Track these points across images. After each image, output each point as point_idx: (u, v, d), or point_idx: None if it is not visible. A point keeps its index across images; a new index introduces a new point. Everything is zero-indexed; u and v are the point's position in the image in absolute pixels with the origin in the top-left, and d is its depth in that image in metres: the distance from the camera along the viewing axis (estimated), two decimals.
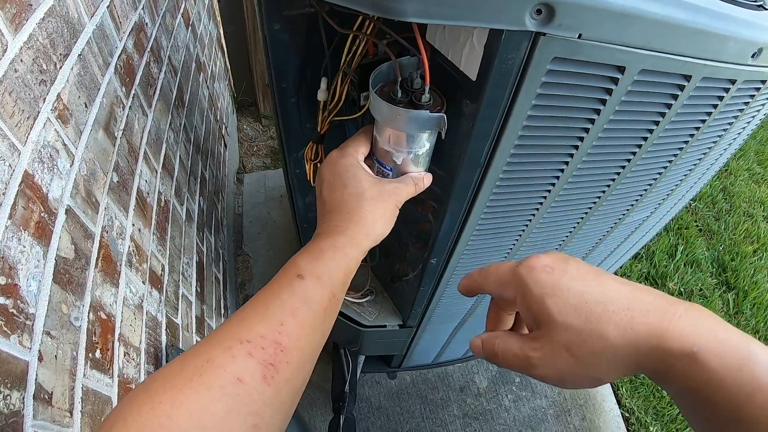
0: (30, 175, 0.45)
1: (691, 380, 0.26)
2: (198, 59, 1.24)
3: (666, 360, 0.26)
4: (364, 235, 0.40)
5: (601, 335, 0.28)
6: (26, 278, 0.44)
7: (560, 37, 0.37)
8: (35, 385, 0.43)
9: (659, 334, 0.26)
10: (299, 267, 0.36)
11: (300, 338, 0.33)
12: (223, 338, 0.31)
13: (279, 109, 0.57)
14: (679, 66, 0.45)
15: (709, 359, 0.25)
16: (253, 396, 0.29)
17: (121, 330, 0.59)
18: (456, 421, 1.36)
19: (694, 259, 1.97)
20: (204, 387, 0.27)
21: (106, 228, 0.59)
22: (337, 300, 0.37)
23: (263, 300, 0.34)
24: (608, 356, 0.28)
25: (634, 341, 0.27)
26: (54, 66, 0.50)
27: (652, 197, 0.76)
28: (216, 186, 1.36)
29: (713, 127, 0.61)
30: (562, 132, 0.48)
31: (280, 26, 0.47)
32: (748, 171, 2.44)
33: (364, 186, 0.42)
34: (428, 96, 0.40)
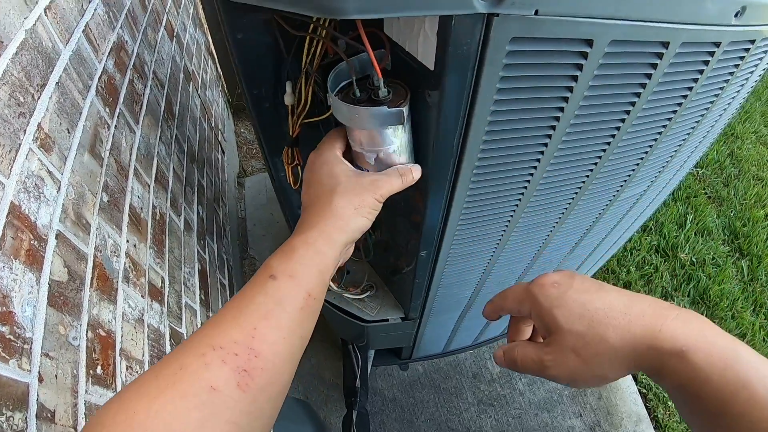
0: (17, 206, 0.46)
1: (681, 377, 0.29)
2: (186, 69, 1.25)
3: (659, 358, 0.30)
4: (338, 228, 0.40)
5: (603, 338, 0.32)
6: (20, 305, 0.45)
7: (515, 16, 0.35)
8: (37, 405, 0.44)
9: (653, 335, 0.30)
10: (272, 267, 0.36)
11: (276, 342, 0.32)
12: (197, 345, 0.30)
13: (255, 115, 0.58)
14: (654, 33, 0.42)
15: (697, 358, 0.28)
16: (228, 404, 0.28)
17: (122, 345, 0.61)
18: (471, 408, 1.37)
19: (704, 228, 1.94)
20: (178, 395, 0.27)
21: (99, 247, 0.60)
22: (314, 299, 0.36)
23: (237, 304, 0.34)
24: (610, 356, 0.32)
25: (631, 342, 0.31)
26: (32, 97, 0.51)
27: (647, 171, 0.75)
28: (215, 193, 1.38)
29: (702, 93, 0.58)
30: (536, 113, 0.47)
31: (243, 35, 0.47)
32: (755, 134, 2.38)
33: (340, 180, 0.42)
34: (385, 91, 0.40)
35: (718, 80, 0.57)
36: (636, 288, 1.74)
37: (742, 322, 1.65)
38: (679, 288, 1.76)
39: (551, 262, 0.99)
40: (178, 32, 1.23)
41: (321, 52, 0.42)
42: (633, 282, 1.76)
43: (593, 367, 0.33)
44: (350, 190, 0.41)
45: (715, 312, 1.68)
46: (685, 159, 0.83)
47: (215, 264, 1.18)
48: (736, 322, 1.65)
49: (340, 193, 0.41)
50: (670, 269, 1.82)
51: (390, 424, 1.31)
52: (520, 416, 1.35)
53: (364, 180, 0.43)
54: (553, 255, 0.94)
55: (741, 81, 0.63)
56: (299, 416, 1.05)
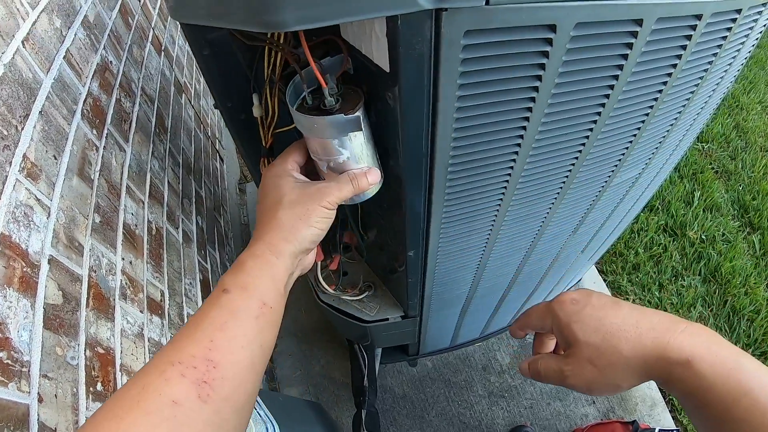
0: (7, 236, 0.48)
1: (687, 384, 0.32)
2: (177, 81, 1.27)
3: (667, 368, 0.33)
4: (282, 239, 0.40)
5: (616, 349, 0.35)
6: (17, 330, 0.47)
7: (465, 9, 0.33)
8: (38, 425, 0.46)
9: (662, 346, 0.33)
10: (224, 282, 0.37)
11: (233, 352, 0.33)
12: (157, 363, 0.31)
13: (232, 128, 0.58)
14: (624, 11, 0.41)
15: (701, 367, 0.31)
16: (190, 416, 0.29)
17: (122, 360, 0.62)
18: (482, 400, 1.37)
19: (713, 204, 1.91)
20: (143, 414, 0.28)
21: (93, 268, 0.62)
22: (270, 308, 0.37)
23: (194, 321, 0.35)
24: (622, 366, 0.35)
25: (641, 353, 0.34)
26: (15, 129, 0.52)
27: (639, 153, 0.73)
28: (215, 201, 1.39)
29: (689, 70, 0.56)
30: (505, 106, 0.45)
31: (209, 51, 0.48)
32: (760, 104, 2.32)
33: (284, 192, 0.42)
34: (332, 100, 0.40)
35: (705, 54, 0.55)
36: (645, 269, 1.72)
37: (756, 297, 1.62)
38: (690, 267, 1.74)
39: (549, 251, 0.98)
40: (167, 45, 1.24)
41: (281, 62, 0.43)
42: (642, 263, 1.74)
43: (608, 377, 0.36)
44: (294, 200, 0.42)
45: (728, 289, 1.66)
46: (681, 137, 0.81)
47: (218, 272, 1.20)
48: (750, 298, 1.63)
49: (284, 205, 0.42)
50: (680, 248, 1.79)
51: (401, 421, 1.32)
52: (532, 406, 1.35)
53: (309, 189, 0.43)
54: (549, 245, 0.94)
55: (732, 53, 0.60)
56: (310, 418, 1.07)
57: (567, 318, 0.38)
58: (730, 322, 1.59)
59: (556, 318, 0.39)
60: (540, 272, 1.08)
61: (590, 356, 0.36)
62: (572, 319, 0.38)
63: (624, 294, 1.66)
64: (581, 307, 0.38)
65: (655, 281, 1.70)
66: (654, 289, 1.68)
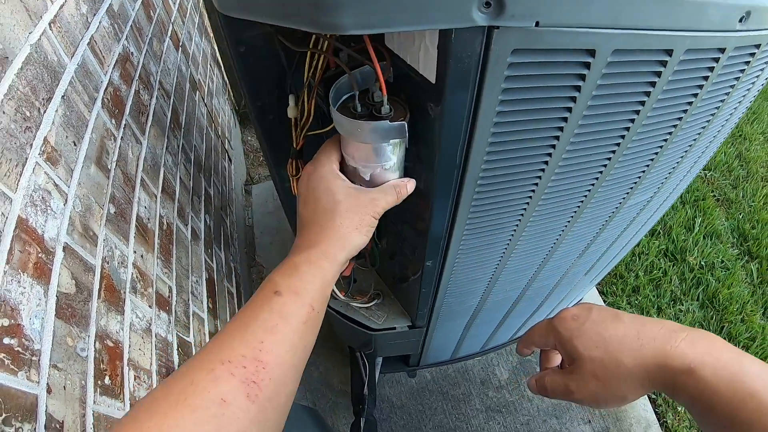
0: (24, 220, 0.47)
1: (692, 392, 0.32)
2: (192, 78, 1.27)
3: (670, 377, 0.33)
4: (339, 248, 0.41)
5: (618, 362, 0.35)
6: (29, 317, 0.46)
7: (516, 28, 0.35)
8: (46, 416, 0.45)
9: (663, 356, 0.33)
10: (276, 284, 0.37)
11: (281, 354, 0.34)
12: (204, 361, 0.32)
13: (259, 127, 0.58)
14: (657, 41, 0.42)
15: (704, 373, 0.31)
16: (238, 415, 0.30)
17: (129, 355, 0.61)
18: (479, 415, 1.36)
19: (713, 231, 1.92)
20: (189, 410, 0.28)
21: (106, 259, 0.60)
22: (316, 313, 0.38)
23: (242, 320, 0.35)
24: (626, 377, 0.35)
25: (643, 364, 0.34)
26: (38, 111, 0.51)
27: (653, 177, 0.74)
28: (222, 201, 1.38)
29: (708, 99, 0.58)
30: (539, 124, 0.47)
31: (245, 49, 0.48)
32: (763, 135, 2.35)
33: (338, 198, 0.42)
34: (388, 107, 0.40)
35: (723, 86, 0.56)
36: (644, 293, 1.73)
37: (752, 325, 1.63)
38: (688, 292, 1.74)
39: (558, 269, 0.98)
40: (184, 42, 1.24)
41: (323, 65, 0.43)
42: (642, 287, 1.74)
43: (612, 389, 0.36)
44: (350, 209, 0.42)
45: (725, 316, 1.66)
46: (692, 164, 0.82)
47: (223, 272, 1.18)
48: (746, 325, 1.63)
49: (341, 212, 0.42)
50: (679, 273, 1.80)
51: (398, 431, 1.31)
52: (528, 423, 1.34)
53: (362, 198, 0.44)
54: (560, 262, 0.93)
55: (747, 85, 0.62)
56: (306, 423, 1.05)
57: (569, 334, 0.39)
58: None
59: (558, 335, 0.40)
60: (547, 289, 1.08)
61: (594, 370, 0.37)
62: (574, 335, 0.38)
63: None
64: (582, 323, 0.39)
65: (654, 304, 1.70)
66: (653, 312, 1.68)
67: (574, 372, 0.38)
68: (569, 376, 0.39)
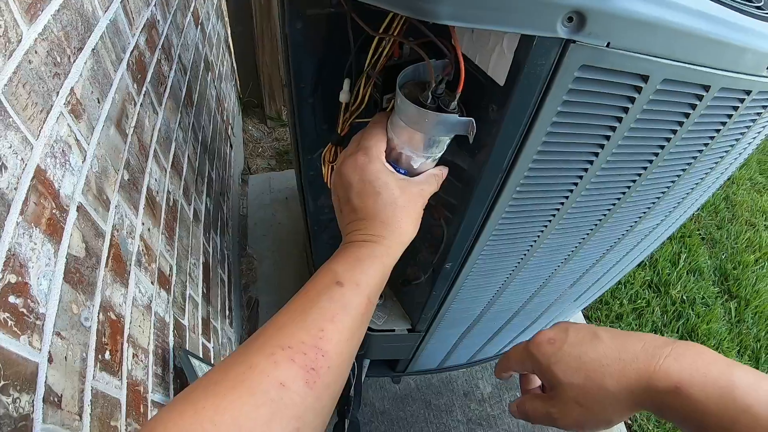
0: (42, 171, 0.44)
1: (681, 412, 0.30)
2: (206, 59, 1.24)
3: (657, 397, 0.31)
4: (399, 244, 0.41)
5: (601, 386, 0.33)
6: (37, 276, 0.43)
7: (589, 45, 0.37)
8: (45, 388, 0.41)
9: (647, 376, 0.31)
10: (337, 274, 0.37)
11: (340, 343, 0.33)
12: (263, 345, 0.31)
13: (296, 109, 0.56)
14: (700, 76, 0.45)
15: (692, 392, 0.29)
16: (295, 400, 0.29)
17: (130, 331, 0.58)
18: (460, 426, 1.34)
19: (696, 267, 1.97)
20: (248, 393, 0.28)
21: (116, 226, 0.57)
22: (372, 305, 0.38)
23: (301, 306, 0.35)
24: (610, 401, 0.33)
25: (627, 386, 0.32)
26: (68, 59, 0.49)
27: (664, 206, 0.76)
28: (222, 187, 1.35)
29: (726, 137, 0.61)
30: (585, 139, 0.48)
31: (301, 26, 0.46)
32: (750, 180, 2.44)
33: (396, 193, 0.42)
34: (455, 105, 0.40)
35: (740, 126, 0.60)
36: (627, 320, 1.75)
37: None
38: (669, 324, 1.77)
39: (558, 287, 0.98)
40: (203, 20, 1.22)
41: (389, 53, 0.42)
42: (625, 315, 1.76)
43: (596, 414, 0.34)
44: (408, 203, 0.42)
45: None
46: (697, 198, 0.85)
47: (217, 258, 1.15)
48: None
49: (401, 207, 0.41)
50: (662, 305, 1.83)
51: None
52: None
53: (414, 190, 0.43)
54: (562, 280, 0.94)
55: (758, 129, 0.66)
56: None
57: (546, 360, 0.37)
58: None
59: (535, 361, 0.38)
60: (545, 305, 1.08)
61: (575, 397, 0.35)
62: (551, 360, 0.36)
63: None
64: (559, 347, 0.36)
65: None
66: None
67: (555, 399, 0.36)
68: (550, 402, 0.37)
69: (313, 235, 0.86)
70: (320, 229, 0.85)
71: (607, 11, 0.35)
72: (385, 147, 0.44)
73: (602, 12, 0.35)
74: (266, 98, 2.08)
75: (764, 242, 2.12)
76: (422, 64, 0.40)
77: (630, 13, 0.36)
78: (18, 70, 0.40)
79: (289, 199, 1.85)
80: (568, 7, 0.34)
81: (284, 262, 1.65)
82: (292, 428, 0.29)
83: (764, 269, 2.01)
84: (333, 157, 0.51)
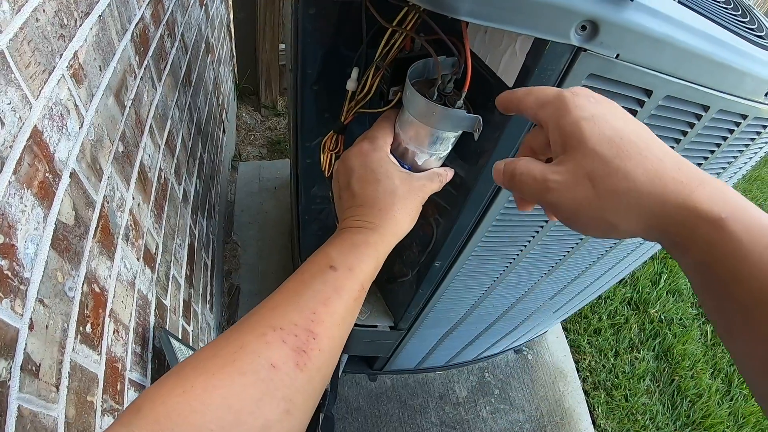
0: (39, 132, 0.43)
1: (714, 250, 0.24)
2: (207, 40, 1.22)
3: (690, 222, 0.24)
4: (394, 234, 0.41)
5: (628, 174, 0.26)
6: (24, 240, 0.42)
7: (600, 55, 0.38)
8: (24, 355, 0.40)
9: (687, 192, 0.25)
10: (332, 258, 0.37)
11: (331, 327, 0.33)
12: (255, 325, 0.31)
13: (299, 95, 0.56)
14: (701, 96, 0.46)
15: (736, 229, 0.23)
16: (285, 381, 0.29)
17: (112, 306, 0.57)
18: (433, 428, 1.35)
19: (676, 289, 2.01)
20: (238, 372, 0.27)
21: (107, 198, 0.56)
22: (364, 292, 0.38)
23: (295, 288, 0.34)
24: (630, 200, 0.26)
25: (660, 191, 0.25)
26: (74, 22, 0.48)
27: None
28: (212, 170, 1.33)
29: (719, 159, 0.62)
30: None
31: (314, 11, 0.46)
32: None
33: (396, 183, 0.41)
34: (462, 102, 0.40)
35: (733, 149, 0.61)
36: (605, 335, 1.78)
37: (700, 382, 1.70)
38: (646, 342, 1.80)
39: (541, 296, 1.00)
40: (207, 2, 1.20)
41: (400, 45, 0.42)
42: (603, 329, 1.79)
43: (605, 206, 0.26)
44: (407, 195, 0.42)
45: (677, 370, 1.73)
46: None
47: (202, 242, 1.14)
48: (695, 381, 1.70)
49: (400, 198, 0.41)
50: (640, 323, 1.86)
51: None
52: None
53: (415, 184, 0.43)
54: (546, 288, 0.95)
55: (750, 154, 0.67)
56: None
57: (579, 112, 0.28)
58: (674, 401, 1.66)
59: (565, 108, 0.28)
60: (526, 313, 1.09)
61: (593, 171, 0.26)
62: (584, 115, 0.27)
63: (582, 354, 1.71)
64: (600, 108, 0.28)
65: (612, 348, 1.75)
66: (610, 355, 1.73)
67: (564, 164, 0.28)
68: (554, 168, 0.28)
69: (303, 224, 0.86)
70: (310, 219, 0.85)
71: (619, 23, 0.36)
72: (390, 138, 0.45)
73: (615, 24, 0.36)
74: (263, 86, 2.07)
75: None
76: (432, 60, 0.40)
77: (641, 28, 0.37)
78: (24, 26, 0.39)
79: (278, 189, 1.84)
80: (583, 15, 0.35)
81: (268, 252, 1.64)
82: (282, 409, 0.28)
83: None
84: (333, 145, 0.51)
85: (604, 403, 1.57)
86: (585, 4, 0.34)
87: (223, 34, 1.54)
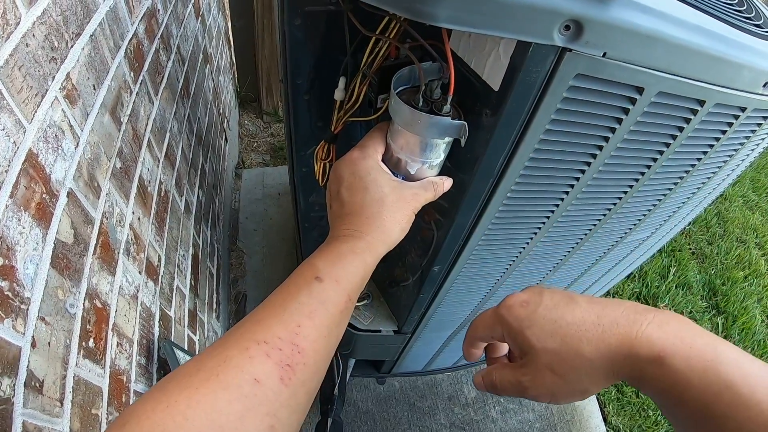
0: (34, 154, 0.44)
1: (661, 382, 0.28)
2: (205, 51, 1.23)
3: (637, 366, 0.29)
4: (382, 242, 0.40)
5: (577, 352, 0.31)
6: (24, 260, 0.42)
7: (586, 55, 0.37)
8: (27, 372, 0.41)
9: (629, 343, 0.29)
10: (317, 269, 0.36)
11: (317, 340, 0.33)
12: (239, 339, 0.31)
13: (291, 105, 0.56)
14: (695, 90, 0.45)
15: (675, 362, 0.27)
16: (269, 396, 0.29)
17: (115, 320, 0.58)
18: (443, 429, 1.35)
19: (685, 282, 1.98)
20: (221, 387, 0.27)
21: (106, 214, 0.57)
22: (352, 303, 0.37)
23: (280, 301, 0.34)
24: (587, 369, 0.31)
25: (607, 353, 0.30)
26: (65, 44, 0.49)
27: (654, 218, 0.76)
28: (215, 179, 1.35)
29: (719, 153, 0.61)
30: (577, 148, 0.48)
31: (300, 22, 0.46)
32: (742, 197, 2.46)
33: (385, 191, 0.41)
34: (449, 108, 0.40)
35: (734, 143, 0.60)
36: None
37: None
38: None
39: None
40: (204, 12, 1.21)
41: (384, 53, 0.42)
42: None
43: (572, 383, 0.32)
44: (396, 203, 0.42)
45: None
46: (688, 212, 0.85)
47: (207, 251, 1.15)
48: None
49: (388, 206, 0.41)
50: None
51: None
52: None
53: (406, 193, 0.43)
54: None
55: (752, 146, 0.66)
56: None
57: (518, 324, 0.33)
58: None
59: (507, 325, 0.34)
60: None
61: (549, 363, 0.32)
62: (524, 324, 0.33)
63: None
64: (533, 310, 0.33)
65: None
66: None
67: (527, 366, 0.33)
68: (521, 371, 0.34)
69: (303, 232, 0.86)
70: (310, 226, 0.86)
71: (604, 21, 0.35)
72: (384, 150, 0.45)
73: (599, 22, 0.35)
74: (263, 93, 2.08)
75: (754, 259, 2.14)
76: (430, 66, 0.40)
77: (628, 25, 0.36)
78: (15, 53, 0.40)
79: (282, 195, 1.85)
80: (566, 15, 0.34)
81: (274, 258, 1.65)
82: (266, 425, 0.28)
83: (753, 286, 2.03)
84: (325, 154, 0.51)
85: (615, 400, 1.55)
86: (567, 3, 0.34)
87: (221, 43, 1.55)
